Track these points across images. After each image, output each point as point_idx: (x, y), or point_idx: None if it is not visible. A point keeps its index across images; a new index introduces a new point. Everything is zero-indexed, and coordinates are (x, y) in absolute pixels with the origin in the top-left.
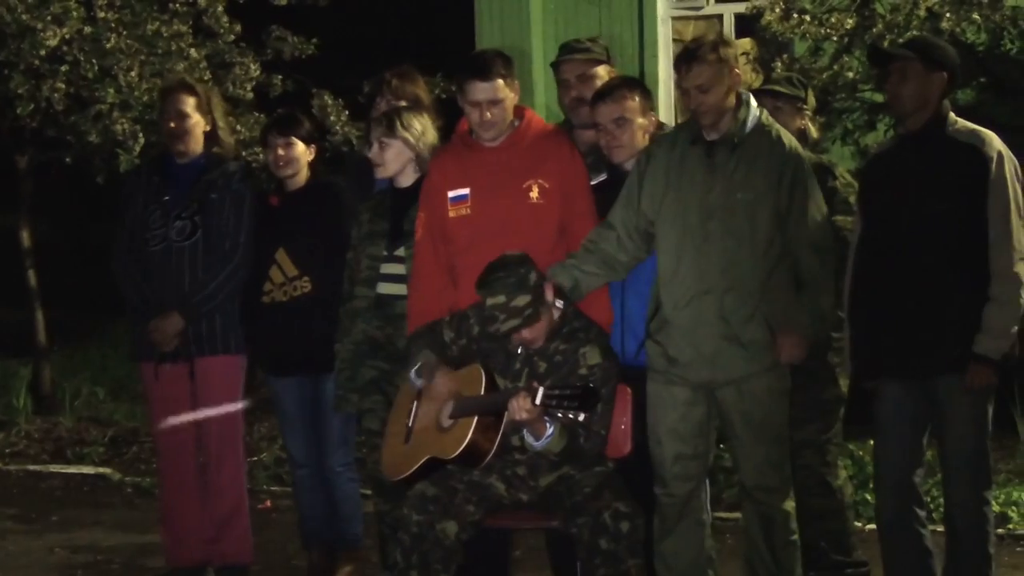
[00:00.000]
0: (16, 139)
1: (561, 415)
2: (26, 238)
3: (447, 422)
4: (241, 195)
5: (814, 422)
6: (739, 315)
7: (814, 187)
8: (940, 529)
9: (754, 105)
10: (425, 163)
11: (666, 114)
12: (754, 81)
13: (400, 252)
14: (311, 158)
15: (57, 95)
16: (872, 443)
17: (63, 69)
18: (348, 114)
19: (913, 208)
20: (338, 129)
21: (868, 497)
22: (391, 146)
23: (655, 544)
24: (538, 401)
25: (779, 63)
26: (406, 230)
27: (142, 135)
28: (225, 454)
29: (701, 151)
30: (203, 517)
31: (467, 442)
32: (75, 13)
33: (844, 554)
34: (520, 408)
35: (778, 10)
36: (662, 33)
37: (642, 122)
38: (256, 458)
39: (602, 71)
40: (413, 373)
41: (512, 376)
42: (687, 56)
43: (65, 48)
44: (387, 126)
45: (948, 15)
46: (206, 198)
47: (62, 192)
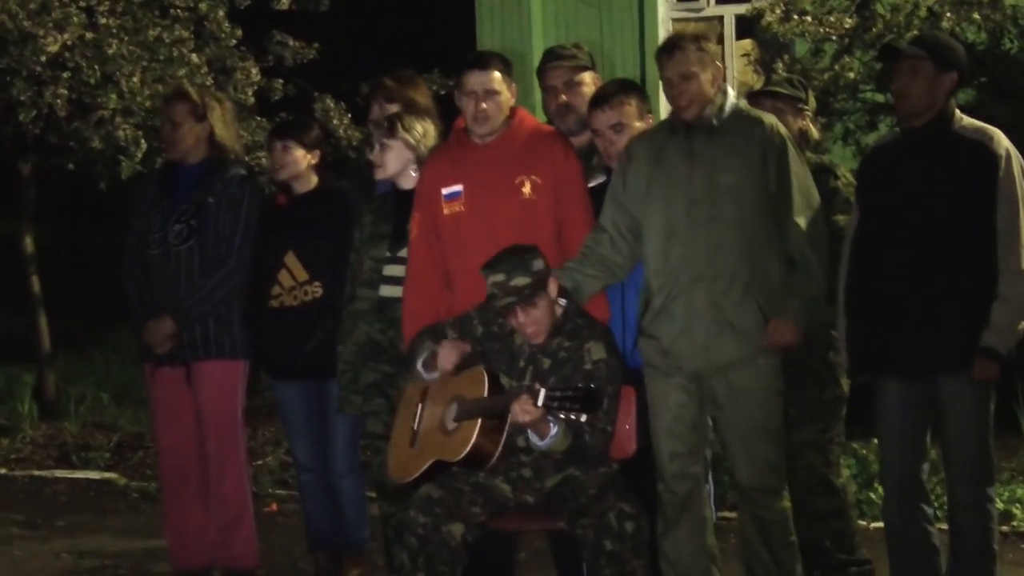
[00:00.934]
0: (19, 146)
1: (563, 416)
2: (29, 244)
3: (451, 425)
4: (238, 199)
5: (815, 422)
6: (730, 300)
7: (801, 168)
8: (945, 527)
9: (732, 93)
10: None
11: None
12: (755, 82)
13: (403, 253)
14: (313, 163)
15: (59, 101)
16: (875, 441)
17: (65, 75)
18: (350, 118)
19: (916, 204)
20: (340, 133)
21: (872, 496)
22: (391, 148)
23: (658, 541)
24: (540, 403)
25: (780, 64)
26: (407, 231)
27: (144, 141)
28: (227, 458)
29: (680, 138)
30: (207, 521)
31: (472, 444)
32: (76, 19)
33: (848, 553)
34: (522, 411)
35: (778, 11)
36: (663, 35)
37: (639, 126)
38: (261, 462)
39: (587, 77)
40: (420, 366)
41: (516, 375)
42: (668, 45)
43: (67, 54)
44: (388, 128)
45: (948, 15)
46: (203, 202)
47: (65, 199)
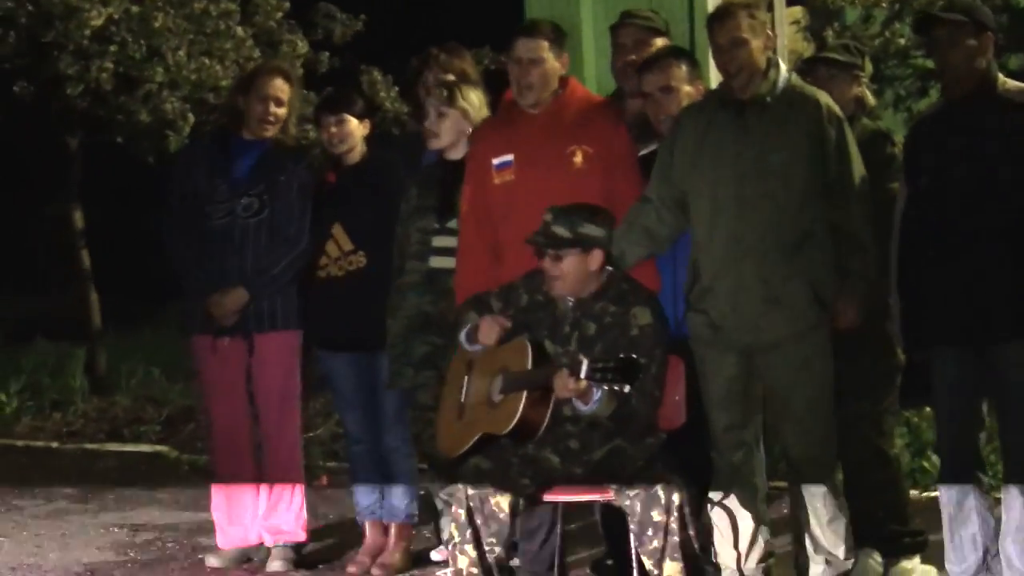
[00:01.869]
0: (66, 120)
1: (607, 387)
2: (78, 220)
3: (497, 397)
4: (307, 181)
5: (870, 393)
6: (779, 276)
7: (856, 148)
8: (998, 496)
9: (784, 67)
10: None
11: (716, 86)
12: (805, 50)
13: (452, 224)
14: (366, 132)
15: (105, 75)
16: (928, 410)
17: (111, 49)
18: (397, 90)
19: (965, 170)
20: (387, 106)
21: (925, 465)
22: (449, 116)
23: (710, 508)
24: (583, 375)
25: (830, 31)
26: (456, 202)
27: (191, 115)
28: (283, 431)
29: (731, 114)
30: (258, 495)
31: (518, 417)
32: None
33: (901, 524)
34: (564, 387)
35: None
36: (712, 5)
37: (689, 91)
38: (312, 434)
39: (659, 42)
40: (464, 337)
41: (561, 341)
42: (720, 12)
43: (113, 28)
44: (448, 97)
45: None
46: (275, 179)
47: (113, 176)
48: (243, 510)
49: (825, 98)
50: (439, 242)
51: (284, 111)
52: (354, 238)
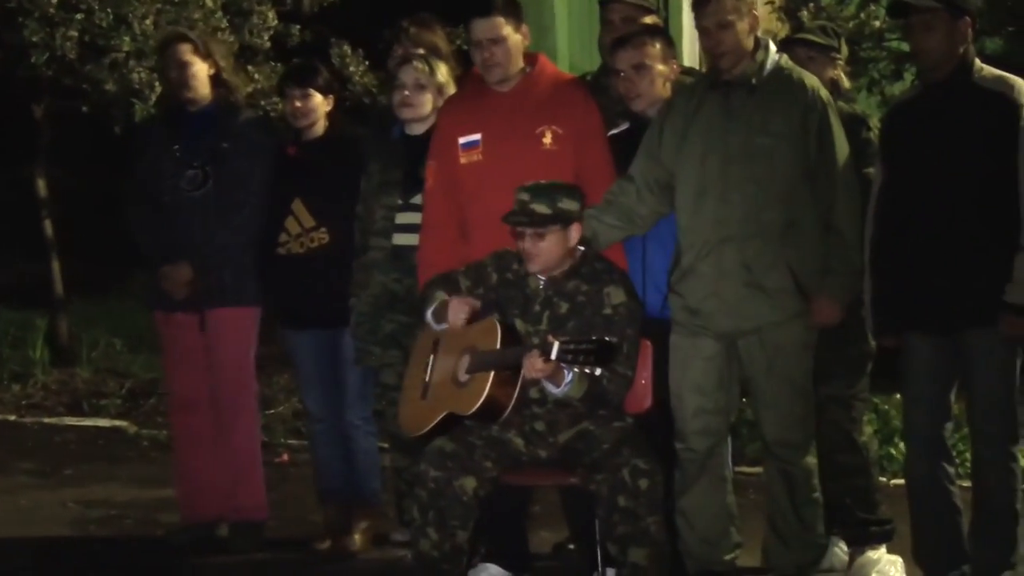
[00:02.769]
0: (33, 88)
1: (577, 369)
2: (42, 188)
3: (464, 377)
4: (255, 143)
5: (841, 377)
6: (762, 262)
7: (841, 134)
8: (967, 484)
9: (773, 49)
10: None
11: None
12: (780, 31)
13: (416, 200)
14: (329, 109)
15: (70, 43)
16: (897, 397)
17: (78, 17)
18: (367, 64)
19: (939, 157)
20: (357, 80)
21: (893, 452)
22: (428, 89)
23: (676, 499)
24: (553, 356)
25: (805, 12)
26: (421, 178)
27: (159, 84)
28: (239, 407)
29: (719, 95)
30: (217, 471)
31: (484, 397)
32: None
33: (869, 511)
34: (533, 367)
35: None
36: None
37: (662, 69)
38: (274, 411)
39: (648, 20)
40: (430, 315)
41: (532, 319)
42: None
43: None
44: (429, 70)
45: None
46: (218, 147)
47: (81, 141)
48: (202, 486)
49: (813, 81)
50: (404, 219)
51: (194, 70)
52: (315, 214)
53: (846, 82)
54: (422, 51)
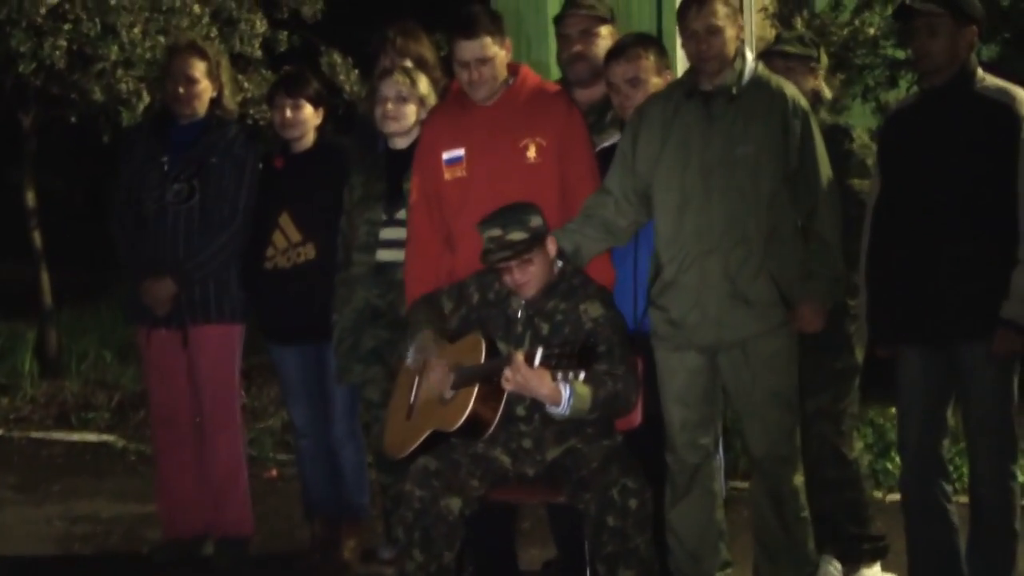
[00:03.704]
0: (20, 97)
1: (561, 374)
2: (31, 197)
3: (448, 394)
4: (242, 159)
5: (828, 391)
6: (745, 273)
7: (821, 142)
8: (965, 500)
9: (750, 57)
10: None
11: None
12: (772, 37)
13: (401, 215)
14: (318, 121)
15: (58, 53)
16: (892, 410)
17: (65, 27)
18: (358, 73)
19: (937, 167)
20: (347, 88)
21: (888, 466)
22: (411, 101)
23: (665, 512)
24: (537, 363)
25: (799, 19)
26: (405, 192)
27: (146, 93)
28: (222, 423)
29: (698, 103)
30: (201, 487)
31: (468, 413)
32: None
33: (860, 526)
34: (517, 371)
35: None
36: None
37: (657, 82)
38: (263, 424)
39: (604, 30)
40: (410, 360)
41: (515, 340)
42: None
43: (67, 5)
44: (411, 82)
45: None
46: (206, 161)
47: (70, 148)
48: (186, 502)
49: (792, 89)
50: (387, 234)
51: (200, 88)
52: (302, 229)
53: (827, 92)
54: (408, 62)
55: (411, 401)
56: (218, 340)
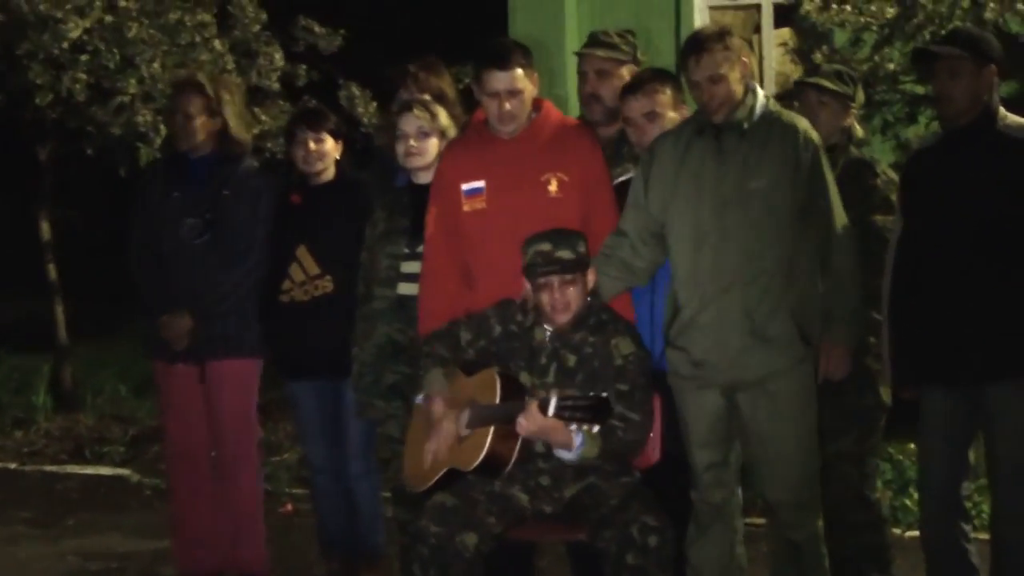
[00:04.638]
0: (37, 130)
1: (575, 426)
2: (46, 231)
3: (464, 431)
4: (257, 192)
5: (851, 432)
6: (763, 309)
7: (832, 176)
8: (984, 537)
9: (761, 93)
10: None
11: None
12: (793, 72)
13: (421, 249)
14: (338, 156)
15: (78, 86)
16: (912, 446)
17: (83, 59)
18: (376, 105)
19: (961, 206)
20: (366, 121)
21: (908, 503)
22: (432, 135)
23: (686, 548)
24: (551, 412)
25: (819, 54)
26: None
27: (164, 127)
28: (240, 459)
29: (709, 139)
30: (217, 524)
31: (485, 452)
32: (97, 2)
33: (882, 570)
34: (531, 421)
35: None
36: (699, 23)
37: (673, 116)
38: (279, 458)
39: (625, 72)
40: (421, 399)
41: (539, 372)
42: (694, 47)
43: (86, 38)
44: (431, 116)
45: (992, 5)
46: (219, 195)
47: (85, 183)
48: (202, 539)
49: (803, 123)
50: (408, 268)
51: (197, 124)
52: (321, 262)
53: (859, 131)
54: (427, 97)
55: (428, 434)
56: (236, 375)
